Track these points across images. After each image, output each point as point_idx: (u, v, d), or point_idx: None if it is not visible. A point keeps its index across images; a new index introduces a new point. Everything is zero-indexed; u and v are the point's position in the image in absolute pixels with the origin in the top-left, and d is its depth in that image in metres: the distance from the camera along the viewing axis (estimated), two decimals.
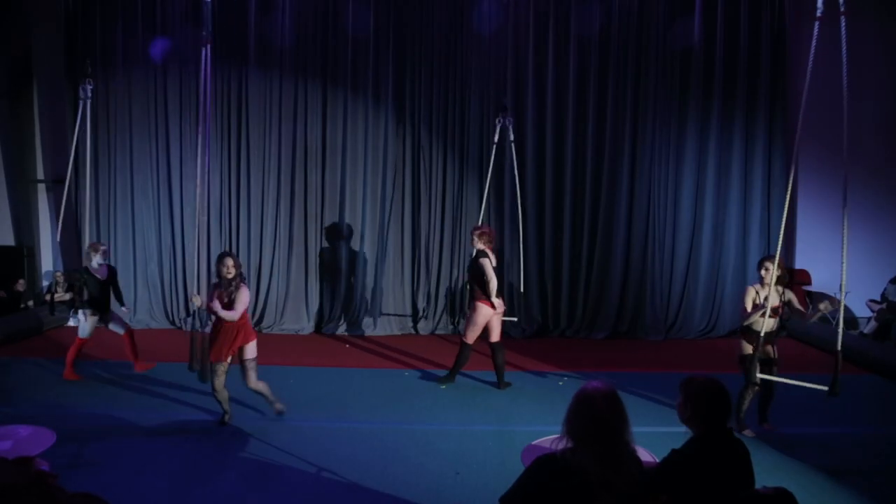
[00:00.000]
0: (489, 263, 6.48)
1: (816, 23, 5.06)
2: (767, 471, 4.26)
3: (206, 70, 5.49)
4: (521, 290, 8.44)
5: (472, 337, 6.69)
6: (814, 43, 5.01)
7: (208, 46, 5.51)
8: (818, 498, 4.31)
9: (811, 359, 8.09)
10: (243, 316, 5.41)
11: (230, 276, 5.34)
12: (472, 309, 6.63)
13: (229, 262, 5.37)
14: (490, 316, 6.61)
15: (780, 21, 9.34)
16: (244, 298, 5.38)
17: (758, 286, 5.57)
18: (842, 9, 4.89)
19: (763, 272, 5.52)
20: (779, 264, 5.33)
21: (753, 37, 9.31)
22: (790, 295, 5.56)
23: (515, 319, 8.78)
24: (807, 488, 4.34)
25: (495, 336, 6.73)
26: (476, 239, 6.67)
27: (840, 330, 4.80)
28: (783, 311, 5.50)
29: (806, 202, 9.66)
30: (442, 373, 7.21)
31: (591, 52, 9.29)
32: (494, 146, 8.35)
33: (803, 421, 5.92)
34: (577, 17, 9.25)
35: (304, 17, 9.32)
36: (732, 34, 9.30)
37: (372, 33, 9.29)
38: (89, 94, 7.67)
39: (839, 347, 4.74)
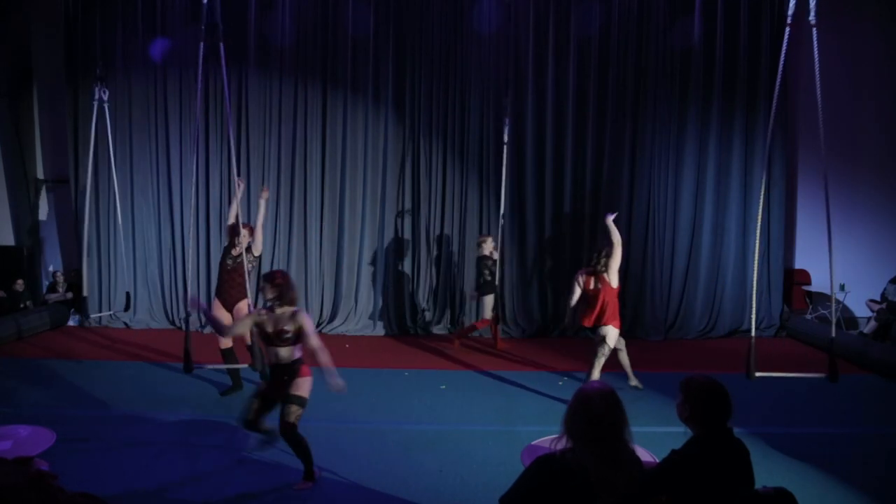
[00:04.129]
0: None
1: (814, 29, 5.14)
2: (767, 471, 4.26)
3: (222, 68, 5.60)
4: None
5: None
6: (811, 50, 5.07)
7: (201, 45, 5.59)
8: (818, 498, 4.31)
9: (810, 357, 8.08)
10: None
11: None
12: (242, 308, 6.23)
13: None
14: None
15: (780, 22, 9.32)
16: None
17: None
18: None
19: None
20: None
21: (753, 37, 9.31)
22: None
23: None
24: (807, 488, 4.34)
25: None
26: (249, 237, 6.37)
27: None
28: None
29: (806, 202, 9.66)
30: (443, 373, 7.23)
31: (591, 52, 9.29)
32: (505, 146, 8.35)
33: (803, 421, 5.92)
34: (577, 18, 9.24)
35: (304, 16, 9.32)
36: (732, 34, 9.30)
37: (372, 33, 9.29)
38: (105, 98, 7.65)
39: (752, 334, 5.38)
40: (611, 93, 9.31)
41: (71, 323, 9.53)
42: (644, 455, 3.00)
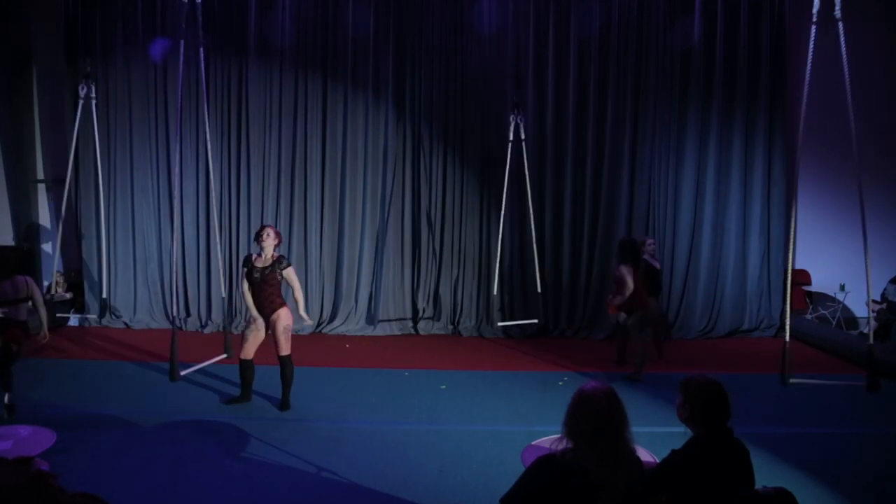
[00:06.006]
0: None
1: (813, 26, 5.16)
2: (767, 471, 4.26)
3: (201, 70, 5.57)
4: (539, 290, 8.48)
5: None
6: (811, 46, 5.07)
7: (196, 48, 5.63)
8: (818, 498, 4.31)
9: (810, 357, 8.09)
10: None
11: None
12: (282, 317, 6.01)
13: None
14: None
15: (780, 21, 9.34)
16: None
17: None
18: (838, 15, 5.04)
19: None
20: None
21: (753, 37, 9.31)
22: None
23: (536, 322, 8.81)
24: (807, 488, 4.34)
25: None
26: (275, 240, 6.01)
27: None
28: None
29: (806, 202, 9.65)
30: (443, 373, 7.23)
31: (591, 52, 9.29)
32: (510, 143, 8.32)
33: (803, 421, 5.92)
34: (577, 18, 9.24)
35: (304, 16, 9.32)
36: (732, 34, 9.29)
37: (372, 33, 9.28)
38: (94, 94, 7.71)
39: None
40: (611, 93, 9.30)
41: (71, 323, 9.52)
42: (644, 455, 3.00)
